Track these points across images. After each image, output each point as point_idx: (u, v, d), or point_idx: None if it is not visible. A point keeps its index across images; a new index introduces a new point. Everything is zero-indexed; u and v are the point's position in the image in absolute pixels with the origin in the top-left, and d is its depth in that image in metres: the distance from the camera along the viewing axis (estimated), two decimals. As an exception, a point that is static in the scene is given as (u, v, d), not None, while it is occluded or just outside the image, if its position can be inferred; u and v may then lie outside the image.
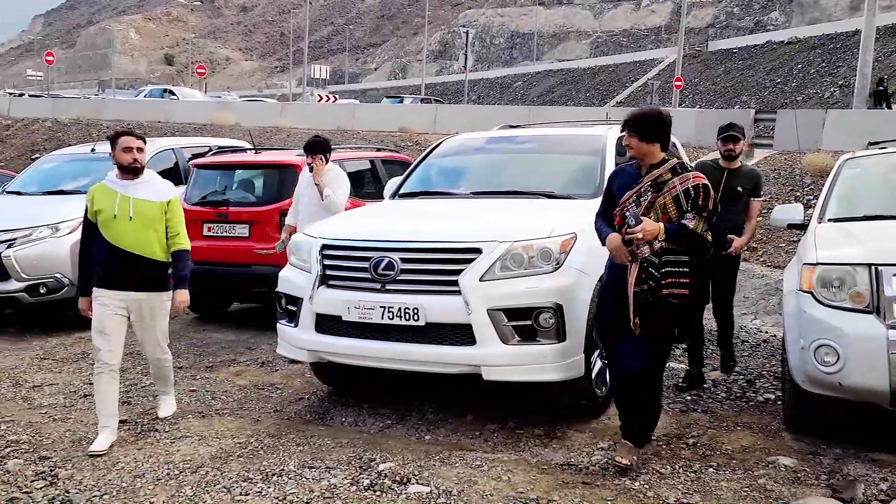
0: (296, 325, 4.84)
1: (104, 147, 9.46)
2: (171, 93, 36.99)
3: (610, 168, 5.38)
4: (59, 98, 45.53)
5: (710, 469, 4.01)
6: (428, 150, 6.44)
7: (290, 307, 4.91)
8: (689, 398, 5.22)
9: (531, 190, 5.37)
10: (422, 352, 4.40)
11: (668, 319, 3.88)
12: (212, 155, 8.15)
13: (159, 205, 4.52)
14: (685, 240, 3.84)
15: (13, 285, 7.17)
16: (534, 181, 5.53)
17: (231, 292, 7.91)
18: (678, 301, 3.85)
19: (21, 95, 54.03)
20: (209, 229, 7.34)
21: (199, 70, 38.57)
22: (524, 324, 4.31)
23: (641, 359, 3.90)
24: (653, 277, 3.84)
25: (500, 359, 4.31)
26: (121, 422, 4.81)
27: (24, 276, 7.16)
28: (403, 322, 4.38)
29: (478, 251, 4.37)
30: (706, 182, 3.90)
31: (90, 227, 4.54)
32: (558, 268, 4.39)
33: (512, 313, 4.31)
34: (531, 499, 3.64)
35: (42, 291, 7.25)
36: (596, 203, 4.37)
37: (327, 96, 38.74)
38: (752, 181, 5.58)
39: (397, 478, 3.88)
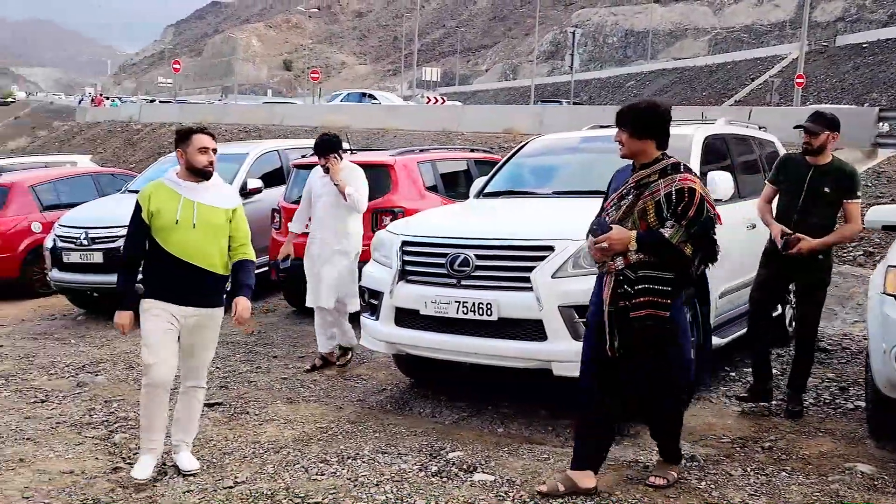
0: (377, 318, 5.05)
1: (220, 150, 10.08)
2: (372, 96, 34.94)
3: (693, 166, 5.35)
4: (185, 103, 48.11)
5: (783, 473, 3.94)
6: (514, 150, 6.54)
7: (373, 301, 5.12)
8: (774, 403, 5.10)
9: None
10: (494, 346, 4.52)
11: (646, 343, 3.47)
12: (311, 156, 8.51)
13: (225, 212, 3.97)
14: (660, 251, 3.40)
15: (108, 278, 7.74)
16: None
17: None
18: (652, 323, 3.41)
19: (152, 101, 57.50)
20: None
21: (312, 75, 39.87)
22: (595, 321, 4.35)
23: (644, 385, 3.62)
24: (628, 295, 3.43)
25: (569, 355, 4.36)
26: (216, 404, 5.18)
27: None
28: (477, 317, 4.52)
29: (550, 249, 4.46)
30: (694, 186, 3.42)
31: (142, 230, 3.91)
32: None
33: (583, 310, 4.34)
34: (589, 492, 3.69)
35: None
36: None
37: (435, 98, 39.35)
38: (842, 180, 4.76)
39: (464, 466, 4.01)
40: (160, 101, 52.77)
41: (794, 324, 5.15)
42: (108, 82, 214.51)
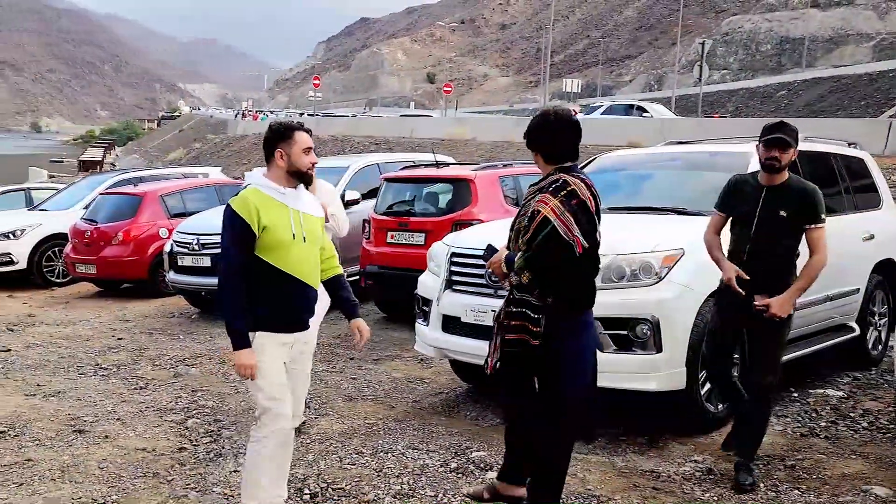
0: (427, 325, 5.40)
1: (323, 163, 10.74)
2: (642, 109, 29.41)
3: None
4: (327, 116, 50.43)
5: (796, 491, 3.96)
6: (581, 166, 6.70)
7: (424, 308, 5.48)
8: (823, 424, 5.03)
9: (663, 206, 5.49)
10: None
11: (520, 366, 3.35)
12: (401, 169, 8.99)
13: (320, 220, 3.55)
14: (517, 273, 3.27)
15: (215, 280, 8.47)
16: (668, 197, 5.63)
17: (408, 295, 8.67)
18: (519, 350, 3.27)
19: (301, 115, 60.63)
20: (392, 237, 8.16)
21: (445, 88, 40.85)
22: (620, 333, 4.51)
23: (523, 418, 3.49)
24: (509, 314, 3.33)
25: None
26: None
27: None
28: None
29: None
30: (542, 209, 3.17)
31: (247, 246, 3.28)
32: (659, 281, 4.53)
33: (608, 322, 4.52)
34: (593, 495, 3.88)
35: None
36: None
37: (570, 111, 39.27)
38: (802, 201, 3.92)
39: (482, 464, 4.28)
40: (309, 115, 55.51)
41: (750, 368, 4.21)
42: (263, 97, 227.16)
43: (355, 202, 9.36)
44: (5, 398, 5.86)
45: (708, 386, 4.75)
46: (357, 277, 8.74)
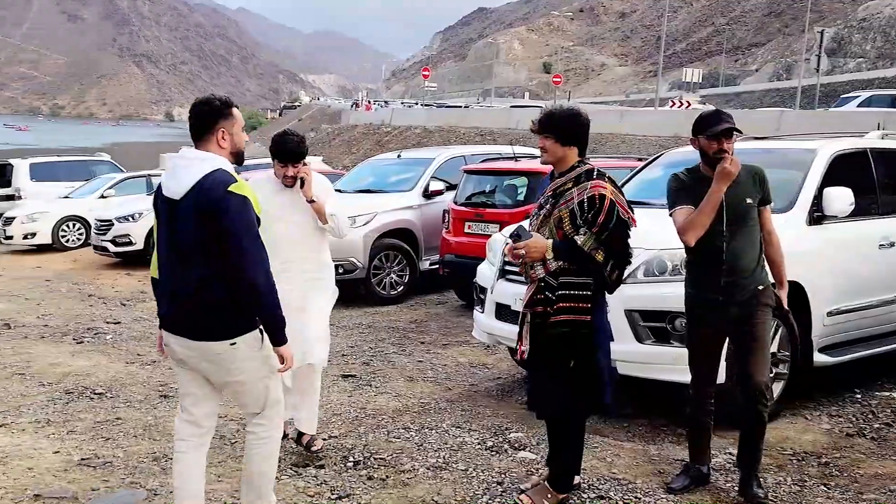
0: (483, 312, 5.67)
1: (410, 154, 11.17)
2: None
3: (814, 184, 5.36)
4: (435, 107, 50.97)
5: (822, 487, 4.00)
6: (650, 160, 6.79)
7: (481, 296, 5.75)
8: (876, 426, 4.97)
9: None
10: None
11: (561, 349, 3.50)
12: (480, 162, 9.25)
13: None
14: (573, 258, 3.44)
15: None
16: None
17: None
18: (569, 329, 3.46)
19: (411, 106, 61.62)
20: (469, 227, 8.46)
21: (555, 79, 40.63)
22: (659, 326, 4.64)
23: (553, 401, 3.63)
24: (548, 300, 3.49)
25: (634, 356, 4.69)
26: (350, 376, 6.10)
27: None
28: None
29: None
30: (605, 192, 3.42)
31: None
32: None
33: (648, 315, 4.67)
34: (617, 479, 4.05)
35: (340, 271, 8.94)
36: (787, 218, 4.78)
37: (680, 101, 38.34)
38: (757, 183, 3.77)
39: (516, 444, 4.52)
40: (421, 105, 56.33)
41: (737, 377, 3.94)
42: (380, 87, 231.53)
43: (439, 192, 9.71)
44: (109, 365, 6.53)
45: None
46: (437, 266, 9.11)
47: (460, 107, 55.14)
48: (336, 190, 10.41)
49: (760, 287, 3.74)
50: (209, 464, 4.19)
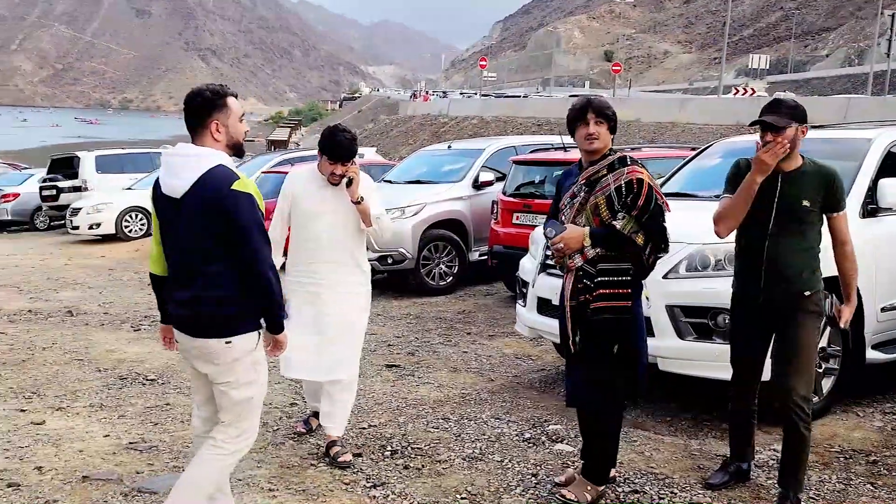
0: (525, 306, 5.66)
1: (460, 145, 11.17)
2: None
3: (868, 174, 5.20)
4: (494, 97, 50.80)
5: (868, 486, 3.89)
6: (698, 151, 6.66)
7: (523, 290, 5.73)
8: (932, 425, 4.81)
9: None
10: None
11: (604, 335, 3.51)
12: (529, 153, 9.20)
13: None
14: (613, 243, 3.45)
15: (370, 255, 9.02)
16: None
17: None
18: (612, 315, 3.46)
19: (469, 97, 61.64)
20: (517, 218, 8.44)
21: (614, 68, 40.07)
22: (700, 322, 4.56)
23: (594, 391, 3.58)
24: (588, 289, 3.49)
25: (675, 352, 4.62)
26: (394, 366, 6.16)
27: (377, 248, 8.97)
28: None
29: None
30: (642, 177, 3.44)
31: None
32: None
33: (689, 311, 4.59)
34: (654, 473, 4.01)
35: (389, 262, 9.04)
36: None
37: (744, 88, 37.49)
38: (824, 188, 3.47)
39: (554, 436, 4.52)
40: (481, 95, 56.22)
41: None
42: (439, 78, 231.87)
43: (489, 183, 9.70)
44: (162, 352, 6.71)
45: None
46: (486, 256, 9.11)
47: (519, 96, 54.87)
48: (386, 181, 10.67)
49: (807, 293, 3.49)
50: (251, 449, 4.31)
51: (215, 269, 2.94)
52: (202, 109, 2.93)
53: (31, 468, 4.08)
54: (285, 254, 4.34)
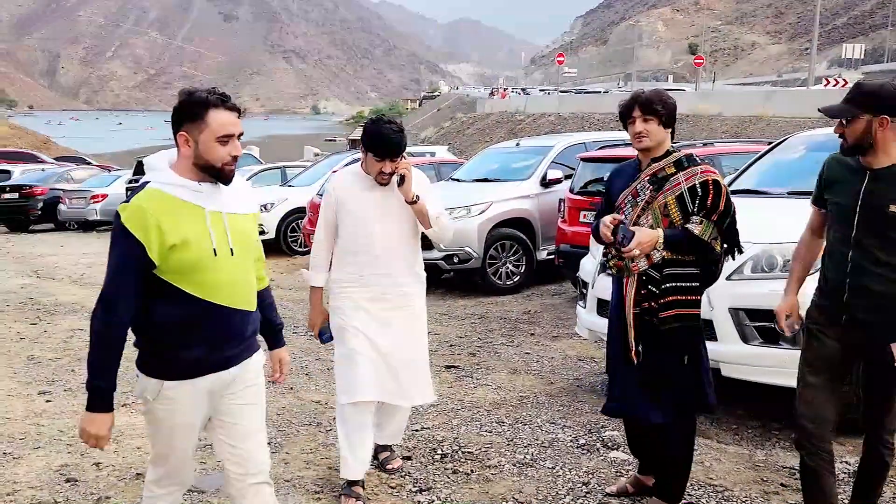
0: (585, 308, 5.50)
1: (529, 142, 11.03)
2: None
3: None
4: (574, 93, 50.24)
5: (948, 507, 3.61)
6: (773, 145, 6.35)
7: (584, 290, 5.58)
8: None
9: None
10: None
11: (674, 345, 3.29)
12: (598, 149, 8.99)
13: (252, 218, 2.68)
14: (689, 249, 3.23)
15: (435, 254, 9.03)
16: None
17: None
18: (679, 324, 3.25)
19: (549, 93, 61.13)
20: (584, 216, 8.24)
21: (696, 61, 38.99)
22: (767, 326, 4.33)
23: (663, 411, 3.34)
24: (653, 295, 3.26)
25: (738, 357, 4.40)
26: (454, 366, 6.10)
27: (443, 247, 8.95)
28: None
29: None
30: (717, 178, 3.22)
31: (142, 275, 2.45)
32: (814, 274, 4.27)
33: (755, 314, 4.36)
34: (712, 485, 3.82)
35: (455, 261, 8.98)
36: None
37: (835, 79, 35.90)
38: None
39: (610, 443, 4.36)
40: (546, 93, 55.79)
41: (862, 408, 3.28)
42: (519, 74, 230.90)
43: (557, 181, 9.53)
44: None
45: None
46: (553, 256, 8.96)
47: (599, 92, 54.05)
48: (454, 179, 10.61)
49: None
50: (301, 450, 4.32)
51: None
52: (175, 115, 2.46)
53: (90, 464, 4.18)
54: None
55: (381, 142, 3.58)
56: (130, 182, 18.34)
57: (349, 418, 3.69)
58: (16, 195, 19.75)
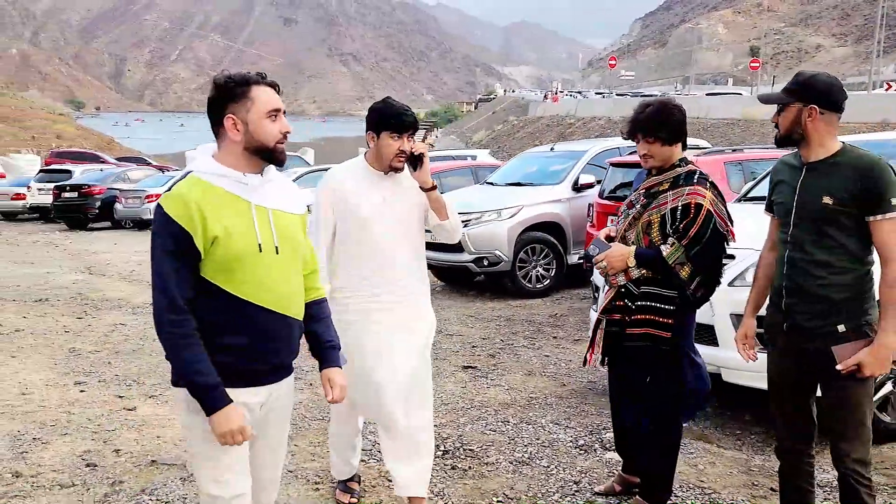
0: (597, 312, 5.57)
1: (563, 146, 11.09)
2: None
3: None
4: (630, 97, 49.78)
5: (938, 516, 3.61)
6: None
7: (595, 295, 5.66)
8: None
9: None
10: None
11: (638, 363, 3.33)
12: (627, 154, 9.01)
13: (301, 219, 2.49)
14: (655, 269, 3.21)
15: (465, 257, 9.16)
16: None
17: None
18: (649, 344, 3.26)
19: (604, 96, 60.65)
20: (612, 221, 8.27)
21: (752, 64, 38.32)
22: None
23: (636, 417, 3.45)
24: (626, 309, 3.30)
25: (738, 363, 4.40)
26: (470, 367, 6.23)
27: (472, 250, 9.08)
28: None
29: (731, 257, 4.53)
30: (702, 201, 3.13)
31: (191, 266, 2.27)
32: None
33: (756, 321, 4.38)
34: (701, 487, 3.88)
35: (485, 263, 9.10)
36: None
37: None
38: (857, 181, 2.66)
39: (608, 444, 4.44)
40: (602, 96, 55.34)
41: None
42: (576, 77, 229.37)
43: (590, 185, 9.58)
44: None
45: (882, 392, 4.41)
46: (581, 261, 9.01)
47: (655, 95, 53.44)
48: (488, 182, 10.72)
49: (846, 326, 2.73)
50: (309, 443, 4.51)
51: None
52: (216, 101, 2.30)
53: (111, 450, 4.44)
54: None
55: (397, 113, 3.25)
56: (182, 182, 18.92)
57: (338, 434, 3.73)
58: (75, 194, 20.53)
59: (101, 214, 20.40)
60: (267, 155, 2.33)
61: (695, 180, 3.25)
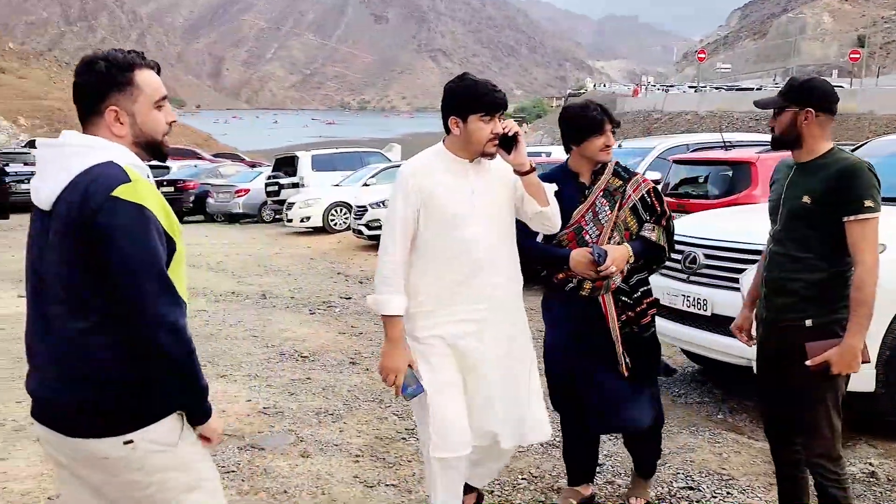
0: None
1: (631, 143, 11.14)
2: None
3: None
4: (725, 91, 48.49)
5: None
6: (852, 149, 6.29)
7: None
8: None
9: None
10: (706, 338, 4.92)
11: (654, 349, 3.49)
12: (690, 151, 9.04)
13: None
14: (649, 254, 3.39)
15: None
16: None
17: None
18: (654, 327, 3.47)
19: (697, 90, 59.16)
20: (673, 218, 8.36)
21: (851, 55, 36.84)
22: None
23: (650, 408, 3.48)
24: (628, 306, 3.37)
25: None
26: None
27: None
28: (696, 310, 4.97)
29: (759, 253, 4.64)
30: (651, 183, 3.43)
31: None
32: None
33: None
34: (725, 475, 4.04)
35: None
36: None
37: None
38: (834, 182, 2.74)
39: (637, 433, 4.62)
40: (695, 90, 54.03)
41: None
42: (670, 70, 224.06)
43: (656, 183, 9.62)
44: (324, 333, 7.54)
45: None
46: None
47: (752, 89, 51.65)
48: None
49: (813, 322, 2.83)
50: (357, 421, 4.85)
51: (89, 322, 1.90)
52: (93, 88, 1.96)
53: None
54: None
55: (487, 91, 2.82)
56: (270, 178, 19.75)
57: (441, 472, 2.95)
58: (171, 189, 21.69)
59: (195, 208, 21.48)
60: (154, 149, 2.06)
61: (629, 170, 3.49)
